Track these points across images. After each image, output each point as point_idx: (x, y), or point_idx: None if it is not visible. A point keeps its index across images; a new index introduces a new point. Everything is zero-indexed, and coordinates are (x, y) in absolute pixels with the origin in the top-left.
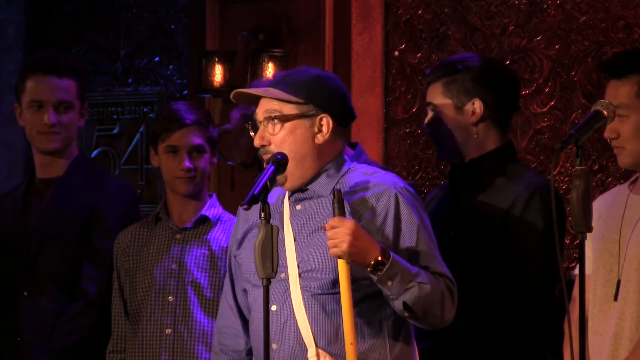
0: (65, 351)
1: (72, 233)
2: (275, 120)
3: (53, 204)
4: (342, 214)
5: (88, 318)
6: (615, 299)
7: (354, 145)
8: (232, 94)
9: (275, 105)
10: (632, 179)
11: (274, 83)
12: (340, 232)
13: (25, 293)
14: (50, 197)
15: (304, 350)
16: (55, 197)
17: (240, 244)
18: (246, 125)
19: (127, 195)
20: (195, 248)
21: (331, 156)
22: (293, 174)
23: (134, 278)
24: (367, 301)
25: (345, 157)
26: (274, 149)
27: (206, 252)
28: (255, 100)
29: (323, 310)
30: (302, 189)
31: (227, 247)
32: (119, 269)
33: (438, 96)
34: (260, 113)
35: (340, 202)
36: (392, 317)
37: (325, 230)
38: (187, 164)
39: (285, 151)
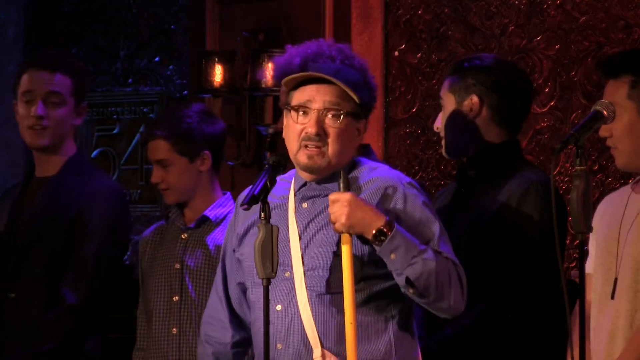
0: (42, 358)
1: (58, 235)
2: (342, 116)
3: (42, 205)
4: (346, 190)
5: (64, 325)
6: (612, 297)
7: (364, 146)
8: (290, 79)
9: (338, 98)
10: (636, 179)
11: (332, 72)
12: (337, 206)
13: (12, 295)
14: (40, 197)
15: (310, 350)
16: (44, 197)
17: (241, 240)
18: (288, 107)
19: (114, 199)
20: (197, 248)
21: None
22: (331, 167)
23: (148, 278)
24: (373, 301)
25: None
26: (328, 140)
27: (206, 252)
28: (297, 82)
29: (329, 309)
30: (314, 184)
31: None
32: (142, 269)
33: (445, 91)
34: (319, 101)
35: (346, 181)
36: (397, 317)
37: (331, 225)
38: (156, 177)
39: (338, 145)
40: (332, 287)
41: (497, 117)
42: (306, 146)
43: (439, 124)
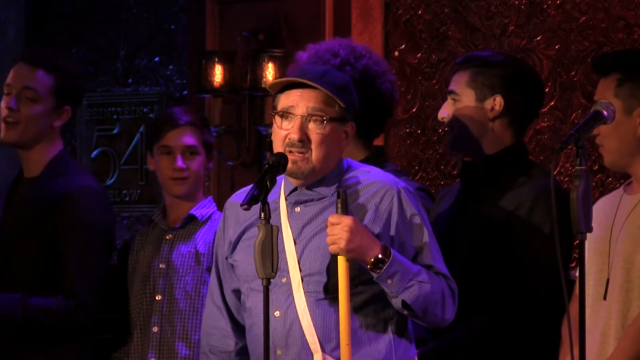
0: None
1: (39, 239)
2: (325, 122)
3: (24, 207)
4: (344, 213)
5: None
6: (605, 298)
7: (377, 148)
8: (275, 83)
9: (321, 104)
10: (628, 181)
11: (317, 77)
12: (338, 229)
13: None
14: (23, 199)
15: (310, 355)
16: (27, 199)
17: (234, 246)
18: (273, 112)
19: (89, 198)
20: (182, 247)
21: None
22: (316, 173)
23: (132, 280)
24: (372, 304)
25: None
26: (312, 146)
27: (192, 250)
28: (284, 88)
29: (328, 314)
30: (304, 189)
31: (210, 242)
32: (128, 275)
33: (463, 85)
34: (302, 107)
35: (344, 203)
36: (395, 317)
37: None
38: (180, 163)
39: (321, 150)
40: (331, 291)
41: (516, 120)
42: (290, 152)
43: (445, 114)
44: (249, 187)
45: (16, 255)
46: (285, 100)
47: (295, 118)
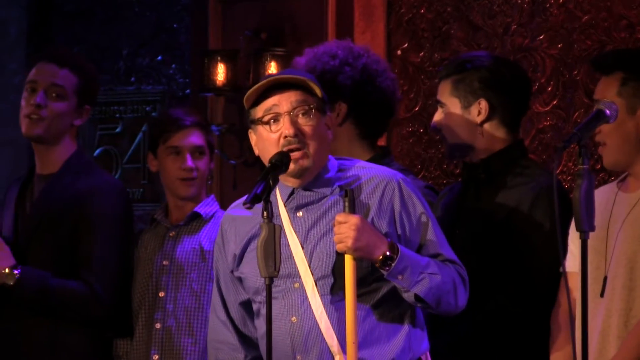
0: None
1: (60, 234)
2: (312, 111)
3: (41, 203)
4: (352, 212)
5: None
6: (602, 295)
7: (382, 148)
8: (253, 91)
9: (303, 96)
10: (621, 177)
11: (289, 74)
12: (344, 227)
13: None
14: (40, 195)
15: (331, 358)
16: (44, 195)
17: (240, 259)
18: (254, 122)
19: (114, 193)
20: (186, 244)
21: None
22: (315, 168)
23: (134, 278)
24: (388, 299)
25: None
26: (308, 140)
27: (197, 247)
28: (261, 96)
29: (345, 315)
30: (302, 190)
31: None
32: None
33: (446, 94)
34: (286, 103)
35: (352, 201)
36: (409, 310)
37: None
38: (189, 163)
39: (316, 142)
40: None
41: (506, 119)
42: (290, 150)
43: (439, 127)
44: (244, 198)
45: (34, 249)
46: (264, 105)
47: (283, 116)
